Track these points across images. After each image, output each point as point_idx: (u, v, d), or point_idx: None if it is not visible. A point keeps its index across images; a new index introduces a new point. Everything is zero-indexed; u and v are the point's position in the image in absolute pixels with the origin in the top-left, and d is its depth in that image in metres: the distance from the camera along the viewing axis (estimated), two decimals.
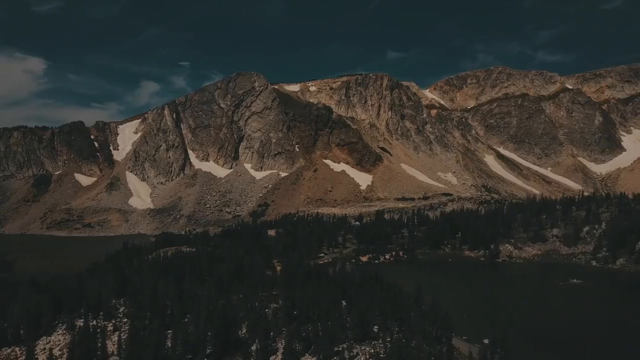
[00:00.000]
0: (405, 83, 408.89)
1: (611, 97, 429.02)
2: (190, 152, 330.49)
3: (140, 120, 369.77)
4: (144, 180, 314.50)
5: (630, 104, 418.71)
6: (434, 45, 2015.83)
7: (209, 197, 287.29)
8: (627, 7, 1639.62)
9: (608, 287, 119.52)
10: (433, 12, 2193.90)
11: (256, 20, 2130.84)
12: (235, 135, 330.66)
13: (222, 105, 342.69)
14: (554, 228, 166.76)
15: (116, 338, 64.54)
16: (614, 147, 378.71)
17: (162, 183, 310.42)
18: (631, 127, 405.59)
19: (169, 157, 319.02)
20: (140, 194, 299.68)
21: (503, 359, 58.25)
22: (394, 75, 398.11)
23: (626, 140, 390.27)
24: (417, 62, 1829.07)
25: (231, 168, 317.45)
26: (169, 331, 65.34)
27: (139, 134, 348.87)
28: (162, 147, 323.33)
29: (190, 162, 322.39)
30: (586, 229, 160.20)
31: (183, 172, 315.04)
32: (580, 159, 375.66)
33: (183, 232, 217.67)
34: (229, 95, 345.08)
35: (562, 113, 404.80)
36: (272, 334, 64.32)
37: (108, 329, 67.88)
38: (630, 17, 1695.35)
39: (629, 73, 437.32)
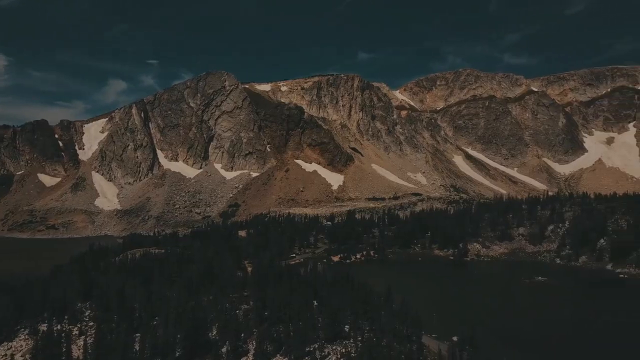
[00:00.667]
0: (375, 84, 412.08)
1: (574, 99, 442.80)
2: (158, 151, 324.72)
3: (107, 119, 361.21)
4: (110, 181, 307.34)
5: (592, 106, 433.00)
6: (404, 46, 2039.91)
7: (178, 197, 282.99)
8: (589, 13, 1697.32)
9: (572, 284, 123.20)
10: (403, 13, 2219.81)
11: (227, 20, 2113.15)
12: (205, 135, 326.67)
13: (192, 105, 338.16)
14: (520, 227, 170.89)
15: (82, 342, 62.78)
16: (577, 148, 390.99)
17: (129, 183, 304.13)
18: (592, 129, 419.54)
19: (137, 157, 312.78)
20: (107, 195, 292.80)
21: (471, 356, 59.17)
22: (365, 76, 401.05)
23: (588, 141, 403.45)
24: (388, 63, 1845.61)
25: (201, 168, 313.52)
26: (137, 334, 63.99)
27: (106, 133, 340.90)
28: (129, 147, 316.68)
29: (159, 162, 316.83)
30: (550, 227, 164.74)
31: (151, 172, 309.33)
32: (545, 159, 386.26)
33: (152, 234, 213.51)
34: (198, 95, 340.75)
35: (527, 115, 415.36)
36: (242, 335, 63.81)
37: (73, 333, 66.00)
38: (592, 22, 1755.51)
39: (590, 77, 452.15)
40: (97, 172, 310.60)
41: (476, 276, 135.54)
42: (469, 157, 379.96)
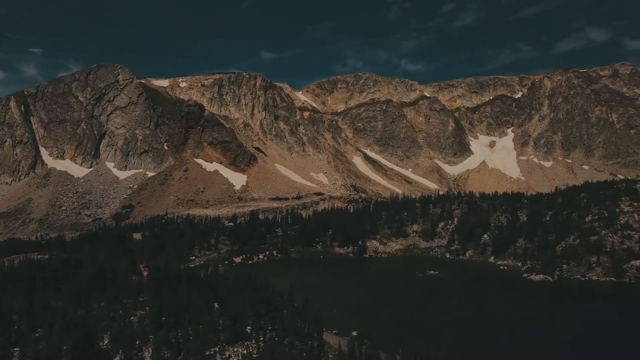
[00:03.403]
0: (278, 84, 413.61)
1: (461, 105, 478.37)
2: (42, 149, 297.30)
3: None
4: None
5: (477, 112, 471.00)
6: (307, 48, 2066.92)
7: (64, 198, 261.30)
8: (476, 27, 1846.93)
9: (460, 277, 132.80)
10: (306, 15, 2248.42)
11: (122, 9, 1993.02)
12: (95, 132, 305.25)
13: (81, 99, 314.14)
14: (414, 224, 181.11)
15: None
16: (464, 150, 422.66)
17: (7, 183, 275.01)
18: (477, 133, 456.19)
19: (16, 155, 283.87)
20: None
21: (370, 350, 61.18)
22: (268, 75, 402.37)
23: (474, 144, 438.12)
24: (291, 64, 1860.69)
25: (91, 167, 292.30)
26: (16, 348, 58.10)
27: None
28: (7, 143, 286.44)
29: (42, 160, 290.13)
30: (441, 224, 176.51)
31: (33, 171, 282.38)
32: (436, 161, 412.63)
33: (34, 238, 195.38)
34: (88, 88, 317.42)
35: (421, 119, 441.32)
36: (138, 342, 60.36)
37: None
38: (478, 35, 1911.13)
39: (475, 85, 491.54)
40: None
41: (374, 272, 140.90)
42: (367, 158, 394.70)
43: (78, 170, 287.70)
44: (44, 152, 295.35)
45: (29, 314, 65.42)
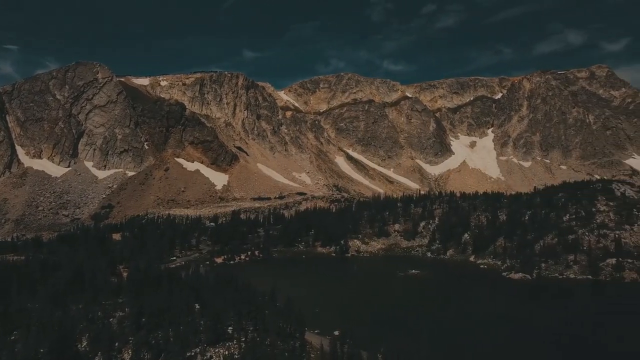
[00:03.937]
0: (260, 84, 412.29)
1: (443, 106, 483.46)
2: (18, 147, 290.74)
3: None
4: None
5: (457, 113, 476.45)
6: (289, 47, 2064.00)
7: (42, 198, 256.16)
8: (457, 28, 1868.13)
9: (442, 276, 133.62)
10: (289, 14, 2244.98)
11: (101, 6, 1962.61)
12: (74, 131, 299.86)
13: (59, 97, 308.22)
14: (396, 224, 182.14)
15: None
16: (445, 150, 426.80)
17: None
18: (458, 134, 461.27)
19: None
20: None
21: (352, 349, 61.28)
22: (250, 75, 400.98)
23: (454, 144, 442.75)
24: (273, 63, 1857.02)
25: (69, 166, 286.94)
26: None
27: None
28: None
29: (19, 159, 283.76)
30: (422, 224, 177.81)
31: (9, 170, 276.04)
32: (417, 160, 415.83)
33: (9, 239, 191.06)
34: (66, 86, 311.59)
35: (402, 119, 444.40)
36: (117, 344, 59.42)
37: None
38: (459, 37, 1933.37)
39: (456, 85, 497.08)
40: None
41: (356, 271, 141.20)
42: (349, 158, 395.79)
43: (55, 169, 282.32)
44: (20, 151, 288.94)
45: (5, 317, 63.86)
